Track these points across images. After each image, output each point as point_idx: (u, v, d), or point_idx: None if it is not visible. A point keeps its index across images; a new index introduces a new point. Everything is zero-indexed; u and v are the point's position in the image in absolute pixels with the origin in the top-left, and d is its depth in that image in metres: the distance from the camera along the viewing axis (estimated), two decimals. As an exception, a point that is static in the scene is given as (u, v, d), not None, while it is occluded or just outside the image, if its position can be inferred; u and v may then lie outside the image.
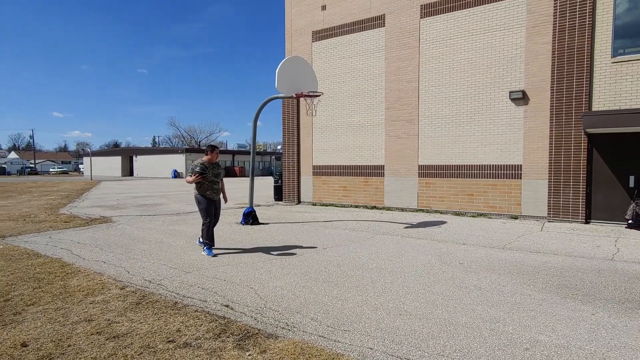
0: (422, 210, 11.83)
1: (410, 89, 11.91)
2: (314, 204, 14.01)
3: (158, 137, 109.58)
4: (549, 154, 9.87)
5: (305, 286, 4.67)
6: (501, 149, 10.55)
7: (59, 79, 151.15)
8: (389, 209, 12.42)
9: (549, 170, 9.89)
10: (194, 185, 6.37)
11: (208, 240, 6.29)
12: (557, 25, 9.67)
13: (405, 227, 9.05)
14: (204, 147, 77.16)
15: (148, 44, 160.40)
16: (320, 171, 14.03)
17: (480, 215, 10.88)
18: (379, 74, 12.51)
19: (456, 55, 11.13)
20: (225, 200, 6.97)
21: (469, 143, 11.03)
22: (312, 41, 13.91)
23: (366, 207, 12.91)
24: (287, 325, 3.55)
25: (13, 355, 2.97)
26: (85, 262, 5.77)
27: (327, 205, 13.66)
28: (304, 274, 5.21)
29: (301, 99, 9.36)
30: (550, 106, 9.80)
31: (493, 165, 10.68)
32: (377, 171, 12.74)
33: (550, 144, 9.85)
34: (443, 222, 9.77)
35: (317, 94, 8.81)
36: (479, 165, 10.89)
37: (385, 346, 3.13)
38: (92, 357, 2.94)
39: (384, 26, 12.33)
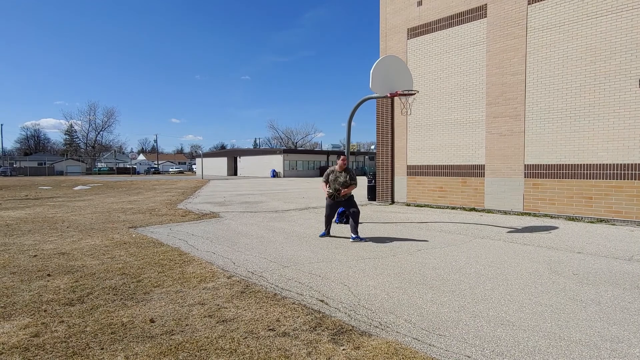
0: (528, 214, 10.84)
1: (516, 82, 10.99)
2: (408, 205, 13.73)
3: (259, 139, 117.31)
4: (694, 151, 8.31)
5: (398, 287, 4.64)
6: (628, 146, 9.18)
7: (177, 88, 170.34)
8: (489, 211, 11.63)
9: (694, 170, 8.33)
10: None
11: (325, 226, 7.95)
12: None
13: (509, 232, 8.40)
14: (300, 148, 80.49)
15: (251, 52, 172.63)
16: (414, 171, 13.70)
17: (601, 221, 9.60)
18: (480, 68, 11.77)
19: (571, 42, 9.97)
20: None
21: (587, 139, 9.80)
22: (407, 39, 13.63)
23: (464, 208, 12.25)
24: (380, 324, 3.57)
25: (144, 329, 3.47)
26: (199, 252, 6.45)
27: (421, 206, 13.27)
28: (398, 274, 5.17)
29: (396, 98, 9.26)
30: (696, 94, 8.25)
31: (617, 164, 9.35)
32: (476, 171, 12.02)
33: (695, 139, 8.29)
34: (554, 228, 8.84)
35: (412, 92, 8.63)
36: (599, 164, 9.62)
37: (485, 356, 2.97)
38: (205, 337, 3.30)
39: (485, 17, 11.58)
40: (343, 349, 3.08)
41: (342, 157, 7.78)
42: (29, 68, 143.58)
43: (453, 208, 12.52)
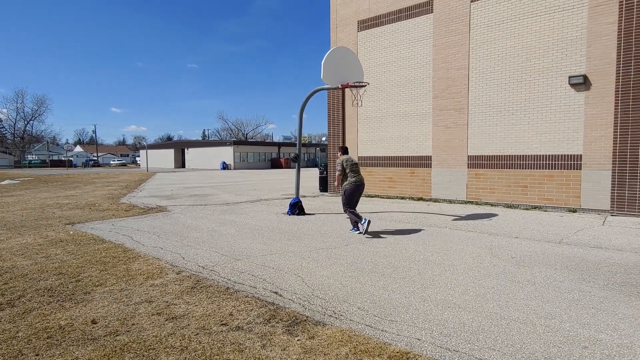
0: (472, 202, 11.45)
1: (460, 76, 11.49)
2: (359, 195, 13.98)
3: (208, 130, 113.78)
4: (613, 143, 9.17)
5: (351, 276, 4.71)
6: (559, 138, 9.94)
7: (117, 76, 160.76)
8: (436, 200, 12.14)
9: (613, 161, 9.20)
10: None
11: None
12: (624, 3, 8.90)
13: (454, 219, 8.82)
14: (251, 140, 79.31)
15: (198, 39, 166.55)
16: (365, 162, 13.95)
17: (535, 208, 10.36)
18: (427, 62, 12.17)
19: (510, 40, 10.57)
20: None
21: (523, 132, 10.49)
22: (358, 31, 13.76)
23: (412, 198, 12.69)
24: (335, 313, 3.61)
25: (85, 331, 3.26)
26: (145, 248, 6.16)
27: (372, 197, 13.58)
28: (350, 264, 5.25)
29: (347, 90, 9.34)
30: (616, 91, 9.08)
31: (549, 155, 10.10)
32: (424, 162, 12.47)
33: (614, 132, 9.15)
34: (494, 215, 9.41)
35: (363, 84, 8.73)
36: (534, 155, 10.34)
37: (434, 337, 3.10)
38: (153, 336, 3.16)
39: (432, 12, 11.95)
40: (298, 340, 3.07)
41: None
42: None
43: (402, 198, 12.93)
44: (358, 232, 7.33)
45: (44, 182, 23.25)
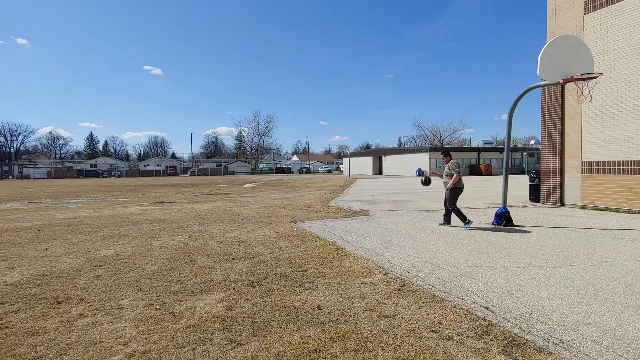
0: None
1: None
2: (583, 208, 11.76)
3: (403, 137, 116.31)
4: None
5: (580, 302, 4.01)
6: None
7: (323, 92, 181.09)
8: None
9: None
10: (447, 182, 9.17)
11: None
12: None
13: None
14: (447, 145, 76.90)
15: (394, 49, 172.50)
16: (591, 168, 11.65)
17: None
18: (691, 37, 9.31)
19: None
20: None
21: None
22: (584, 14, 11.66)
23: (665, 214, 9.87)
24: (561, 342, 3.15)
25: (312, 314, 3.80)
26: (353, 248, 6.73)
27: (601, 210, 11.22)
28: (578, 287, 4.48)
29: (567, 84, 8.02)
30: None
31: None
32: (685, 168, 9.55)
33: None
34: None
35: (594, 75, 7.34)
36: None
37: None
38: (368, 330, 3.43)
39: (700, -29, 9.10)
40: (517, 363, 2.82)
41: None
42: (205, 84, 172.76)
43: (648, 213, 10.21)
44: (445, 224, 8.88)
45: (272, 186, 28.19)
